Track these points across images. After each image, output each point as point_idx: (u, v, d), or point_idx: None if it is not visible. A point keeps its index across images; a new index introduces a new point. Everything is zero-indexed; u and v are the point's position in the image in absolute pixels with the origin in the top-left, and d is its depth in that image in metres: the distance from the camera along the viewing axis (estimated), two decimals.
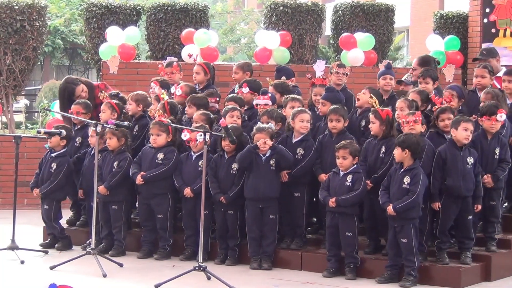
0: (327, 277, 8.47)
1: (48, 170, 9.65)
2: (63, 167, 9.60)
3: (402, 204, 8.07)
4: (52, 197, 9.67)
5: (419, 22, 29.86)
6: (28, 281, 8.28)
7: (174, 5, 14.44)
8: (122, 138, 9.39)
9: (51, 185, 9.59)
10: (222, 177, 9.02)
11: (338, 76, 9.90)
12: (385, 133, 8.57)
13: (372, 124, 8.64)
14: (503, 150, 8.72)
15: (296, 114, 8.95)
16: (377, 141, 8.66)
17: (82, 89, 10.41)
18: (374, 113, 8.63)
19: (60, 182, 9.60)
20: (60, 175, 9.58)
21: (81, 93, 10.34)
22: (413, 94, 9.23)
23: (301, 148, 8.97)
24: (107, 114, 9.66)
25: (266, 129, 8.80)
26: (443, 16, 15.10)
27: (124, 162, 9.35)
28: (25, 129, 19.23)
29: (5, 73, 13.96)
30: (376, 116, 8.61)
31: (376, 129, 8.61)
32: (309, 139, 8.99)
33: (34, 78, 30.13)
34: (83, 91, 10.38)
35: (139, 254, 9.34)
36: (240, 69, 10.57)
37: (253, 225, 8.87)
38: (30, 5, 13.95)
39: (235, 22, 35.65)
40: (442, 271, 8.23)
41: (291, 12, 14.56)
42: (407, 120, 8.43)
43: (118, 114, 9.71)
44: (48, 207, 9.70)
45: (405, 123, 8.44)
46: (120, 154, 9.40)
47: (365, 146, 8.76)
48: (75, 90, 10.38)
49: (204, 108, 9.63)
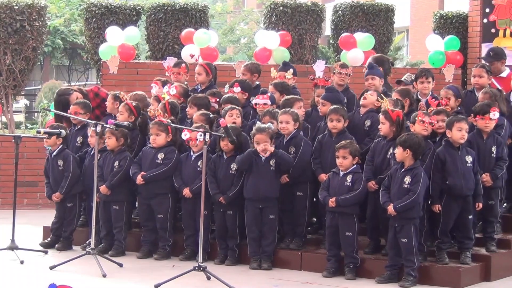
0: (327, 277, 8.47)
1: (57, 169, 9.67)
2: (70, 158, 9.63)
3: (402, 203, 8.07)
4: (73, 192, 9.69)
5: (419, 22, 29.85)
6: (28, 281, 8.27)
7: (173, 5, 14.44)
8: (121, 138, 9.38)
9: (67, 180, 9.61)
10: (221, 177, 9.02)
11: (341, 76, 9.90)
12: (395, 134, 8.53)
13: (382, 125, 8.60)
14: (499, 148, 8.73)
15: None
16: (385, 142, 8.63)
17: (76, 97, 10.38)
18: (385, 114, 8.59)
19: (75, 173, 9.62)
20: (71, 168, 9.61)
21: (76, 101, 10.31)
22: (395, 94, 9.27)
23: (291, 146, 8.97)
24: (124, 116, 9.61)
25: (266, 129, 8.79)
26: (443, 16, 15.10)
27: (124, 161, 9.36)
28: (25, 129, 19.21)
29: (5, 73, 13.96)
30: (386, 117, 8.57)
31: (386, 130, 8.58)
32: (297, 136, 8.99)
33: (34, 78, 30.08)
34: (77, 98, 10.35)
35: (139, 254, 9.35)
36: (248, 70, 10.55)
37: (252, 225, 8.87)
38: (30, 5, 13.95)
39: (235, 22, 35.63)
40: (442, 271, 8.24)
41: (291, 12, 14.56)
42: (423, 119, 8.41)
43: (136, 117, 9.68)
44: (73, 204, 9.72)
45: (420, 121, 8.41)
46: (120, 153, 9.41)
47: (373, 146, 8.74)
48: (69, 100, 10.35)
49: (205, 108, 9.64)
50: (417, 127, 8.41)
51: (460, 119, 8.41)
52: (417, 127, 8.41)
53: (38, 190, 10.09)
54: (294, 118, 8.95)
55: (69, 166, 9.62)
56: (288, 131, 8.96)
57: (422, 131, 8.38)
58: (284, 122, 8.94)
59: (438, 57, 13.86)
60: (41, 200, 12.37)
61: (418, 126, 8.41)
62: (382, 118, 8.63)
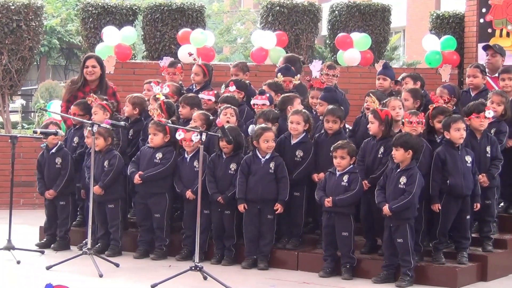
0: (324, 277, 8.47)
1: (54, 166, 9.66)
2: (68, 157, 9.66)
3: (398, 204, 8.06)
4: (68, 191, 9.70)
5: (415, 22, 29.90)
6: (24, 281, 8.26)
7: (170, 5, 14.43)
8: (109, 138, 9.38)
9: (64, 179, 9.63)
10: (220, 177, 9.02)
11: (328, 77, 9.92)
12: (384, 134, 8.55)
13: (371, 124, 8.61)
14: (494, 148, 8.73)
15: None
16: (375, 141, 8.64)
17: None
18: (374, 113, 8.60)
19: (71, 173, 9.65)
20: (69, 167, 9.63)
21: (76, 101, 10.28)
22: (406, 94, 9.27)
23: (300, 150, 8.96)
24: (99, 115, 9.65)
25: (271, 128, 8.82)
26: (439, 16, 15.10)
27: (114, 160, 9.35)
28: (21, 129, 19.20)
29: (1, 73, 13.94)
30: (375, 116, 8.58)
31: (375, 129, 8.59)
32: (307, 141, 8.98)
33: (30, 78, 30.11)
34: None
35: (136, 254, 9.34)
36: (240, 70, 10.58)
37: (250, 225, 8.87)
38: (26, 5, 13.93)
39: (231, 22, 35.68)
40: (439, 271, 8.24)
41: (288, 12, 14.56)
42: (410, 120, 8.41)
43: (110, 113, 9.71)
44: (65, 203, 9.72)
45: (408, 122, 8.41)
46: (109, 153, 9.40)
47: (363, 146, 8.74)
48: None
49: (197, 107, 9.65)
50: (406, 129, 8.40)
51: (456, 119, 8.40)
52: (406, 129, 8.40)
53: (34, 190, 10.06)
54: (305, 119, 8.93)
55: (67, 165, 9.64)
56: (298, 132, 8.95)
57: (411, 132, 8.37)
58: (295, 123, 8.92)
59: (435, 57, 13.86)
60: (37, 200, 12.35)
61: (406, 128, 8.40)
62: (371, 117, 8.62)
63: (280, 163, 8.82)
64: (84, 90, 10.48)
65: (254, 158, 8.85)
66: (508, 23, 13.62)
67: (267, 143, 8.78)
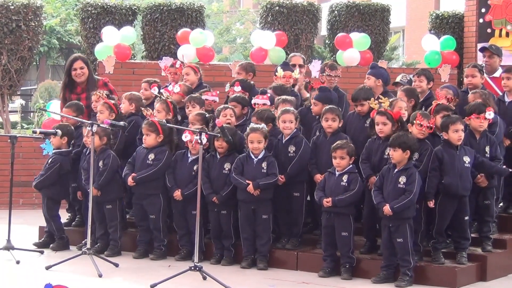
0: (323, 277, 8.47)
1: (45, 165, 9.70)
2: (56, 164, 9.59)
3: (399, 204, 8.05)
4: (43, 192, 9.70)
5: (414, 22, 29.91)
6: (23, 281, 8.26)
7: (169, 5, 14.44)
8: (104, 137, 9.36)
9: (41, 178, 9.62)
10: (214, 177, 9.01)
11: (330, 78, 9.89)
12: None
13: (384, 126, 8.52)
14: (493, 148, 8.72)
15: (280, 115, 8.95)
16: (381, 142, 8.61)
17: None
18: (387, 115, 8.55)
19: (51, 177, 9.57)
20: (50, 171, 9.58)
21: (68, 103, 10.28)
22: (400, 93, 9.26)
23: (292, 145, 8.96)
24: (105, 114, 9.62)
25: (260, 129, 8.80)
26: (438, 16, 15.11)
27: (108, 159, 9.32)
28: (20, 129, 19.21)
29: (1, 73, 13.95)
30: (388, 118, 8.54)
31: (388, 130, 8.52)
32: (298, 135, 8.98)
33: (30, 78, 30.10)
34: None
35: (135, 254, 9.34)
36: (243, 69, 10.58)
37: (245, 225, 8.87)
38: (25, 5, 13.95)
39: (230, 22, 35.68)
40: (438, 271, 8.24)
41: (287, 12, 14.58)
42: (421, 123, 8.38)
43: (116, 114, 9.69)
44: (42, 202, 9.74)
45: (418, 125, 8.38)
46: (103, 152, 9.37)
47: (367, 145, 8.71)
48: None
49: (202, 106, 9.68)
50: (414, 130, 8.40)
51: (455, 120, 8.38)
52: (414, 130, 8.40)
53: (33, 190, 10.05)
54: (296, 117, 8.96)
55: (49, 169, 9.57)
56: (290, 130, 8.96)
57: (418, 135, 8.36)
58: (288, 121, 8.92)
59: (434, 57, 13.86)
60: (36, 200, 12.34)
61: (415, 129, 8.40)
62: (384, 119, 8.54)
63: (271, 162, 8.81)
64: (76, 92, 10.50)
65: (247, 158, 8.86)
66: (507, 23, 13.63)
67: (252, 144, 8.78)
